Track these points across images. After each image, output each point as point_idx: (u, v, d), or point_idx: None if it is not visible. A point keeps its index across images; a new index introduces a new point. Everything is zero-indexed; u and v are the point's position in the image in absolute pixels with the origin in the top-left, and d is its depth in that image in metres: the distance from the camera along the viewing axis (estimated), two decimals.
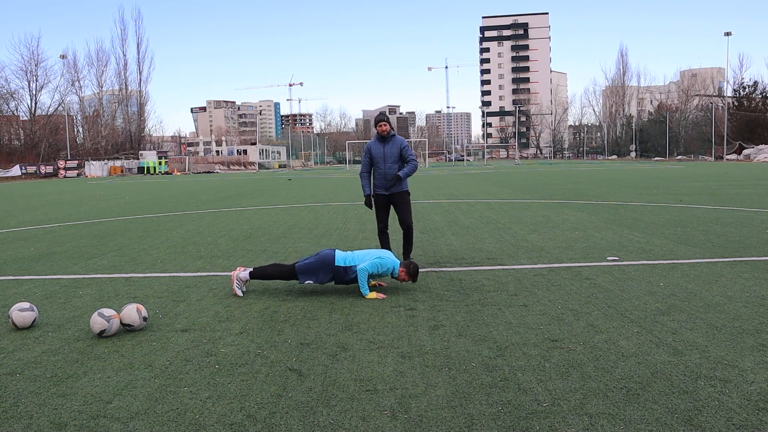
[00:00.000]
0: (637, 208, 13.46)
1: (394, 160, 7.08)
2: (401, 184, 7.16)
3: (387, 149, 7.08)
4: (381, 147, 7.10)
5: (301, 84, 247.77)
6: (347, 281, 5.83)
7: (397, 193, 7.17)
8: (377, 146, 7.12)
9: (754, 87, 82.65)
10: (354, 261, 5.78)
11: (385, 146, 7.09)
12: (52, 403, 3.36)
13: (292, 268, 5.84)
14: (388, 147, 7.08)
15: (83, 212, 16.04)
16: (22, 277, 7.01)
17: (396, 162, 7.09)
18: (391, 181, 7.07)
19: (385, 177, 7.11)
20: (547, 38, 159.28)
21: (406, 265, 5.87)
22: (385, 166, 7.09)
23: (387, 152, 7.08)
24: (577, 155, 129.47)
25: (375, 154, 7.12)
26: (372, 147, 7.16)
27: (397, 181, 7.06)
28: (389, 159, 7.07)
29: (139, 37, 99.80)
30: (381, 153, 7.09)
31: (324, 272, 5.76)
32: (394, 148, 7.07)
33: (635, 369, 3.68)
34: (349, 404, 3.27)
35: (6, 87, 74.73)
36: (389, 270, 5.78)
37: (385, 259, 5.75)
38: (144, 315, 4.73)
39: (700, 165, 53.35)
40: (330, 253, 5.83)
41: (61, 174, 59.82)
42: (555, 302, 5.32)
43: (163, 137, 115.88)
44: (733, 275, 6.27)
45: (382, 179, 7.13)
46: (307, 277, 5.77)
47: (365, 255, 5.82)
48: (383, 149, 7.09)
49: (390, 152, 7.07)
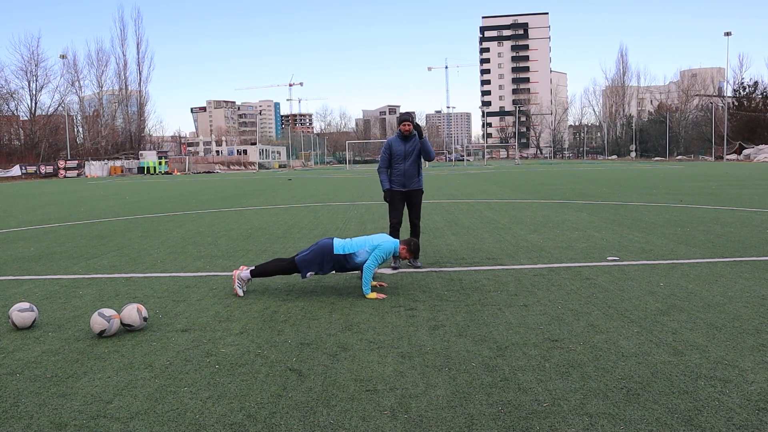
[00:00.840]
0: (637, 208, 13.46)
1: (414, 159, 7.27)
2: (418, 182, 7.37)
3: (408, 148, 7.23)
4: (402, 145, 7.25)
5: (301, 84, 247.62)
6: (349, 269, 5.87)
7: (414, 191, 7.38)
8: (399, 144, 7.26)
9: (754, 87, 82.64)
10: (353, 248, 5.79)
11: (406, 145, 7.24)
12: (52, 403, 3.36)
13: (292, 261, 5.85)
14: (410, 145, 7.24)
15: (83, 212, 16.04)
16: (22, 277, 7.01)
17: (416, 160, 7.29)
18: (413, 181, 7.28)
19: (404, 174, 7.27)
20: (547, 38, 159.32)
21: (406, 242, 5.99)
22: (405, 164, 7.26)
23: (408, 151, 7.23)
24: (577, 155, 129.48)
25: (396, 151, 7.27)
26: (393, 144, 7.30)
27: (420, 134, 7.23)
28: (409, 158, 7.25)
29: (138, 37, 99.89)
30: (402, 151, 7.24)
31: (324, 262, 5.78)
32: (414, 147, 7.24)
33: (635, 369, 3.68)
34: (349, 404, 3.27)
35: (6, 87, 74.85)
36: (391, 253, 5.83)
37: (383, 244, 5.78)
38: (144, 315, 4.73)
39: (700, 165, 53.35)
40: (328, 242, 5.85)
41: (61, 174, 59.82)
42: (555, 302, 5.33)
43: (163, 137, 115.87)
44: (733, 275, 6.28)
45: (402, 176, 7.29)
46: (309, 269, 5.78)
47: (364, 242, 5.84)
48: (404, 147, 7.24)
49: (410, 151, 7.24)
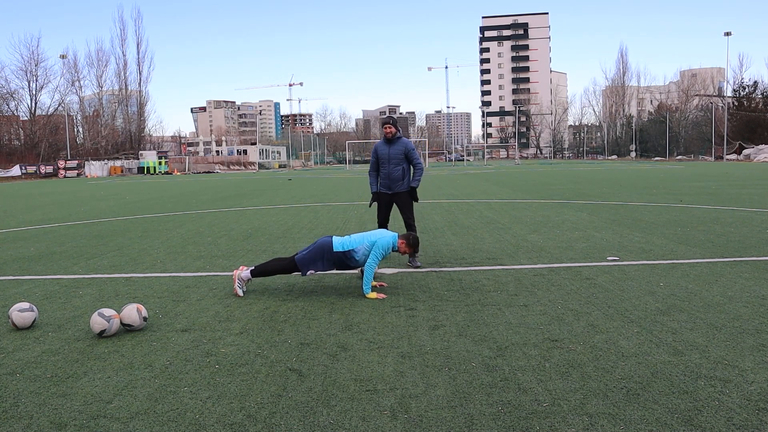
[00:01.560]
0: (637, 208, 13.46)
1: (398, 162, 7.34)
2: (403, 184, 7.42)
3: (392, 151, 7.33)
4: (387, 148, 7.36)
5: (301, 84, 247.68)
6: (351, 266, 5.87)
7: (399, 193, 7.43)
8: (383, 147, 7.40)
9: (754, 87, 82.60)
10: (352, 245, 5.79)
11: (390, 148, 7.34)
12: (52, 403, 3.36)
13: (292, 260, 5.86)
14: (393, 149, 7.33)
15: (83, 212, 16.04)
16: (22, 277, 7.01)
17: (400, 163, 7.36)
18: (398, 184, 7.39)
19: (389, 177, 7.38)
20: (547, 38, 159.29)
21: (405, 237, 5.98)
22: (389, 166, 7.37)
23: (392, 153, 7.33)
24: (577, 155, 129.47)
25: (381, 155, 7.40)
26: (378, 148, 7.47)
27: (413, 191, 7.47)
28: (393, 160, 7.34)
29: (138, 37, 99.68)
30: (386, 154, 7.35)
31: (324, 260, 5.79)
32: (398, 149, 7.32)
33: (635, 369, 3.68)
34: (349, 404, 3.27)
35: (6, 87, 74.84)
36: (390, 248, 5.83)
37: (381, 239, 5.78)
38: (144, 315, 4.73)
39: (700, 165, 53.35)
40: (327, 240, 5.85)
41: (61, 174, 59.82)
42: (555, 302, 5.33)
43: (163, 137, 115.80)
44: (733, 275, 6.27)
45: (386, 179, 7.41)
46: (309, 267, 5.79)
47: (362, 238, 5.84)
48: (388, 150, 7.34)
49: (394, 154, 7.32)
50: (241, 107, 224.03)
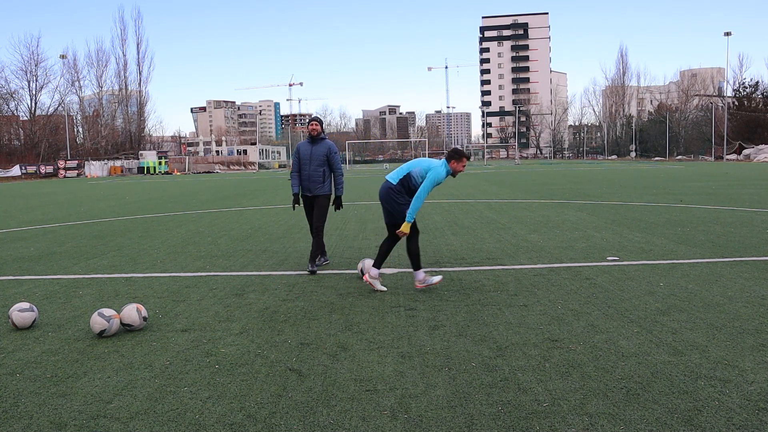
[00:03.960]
0: (637, 208, 13.46)
1: (319, 163, 7.02)
2: (324, 187, 7.07)
3: (314, 151, 7.04)
4: (309, 148, 7.06)
5: (301, 84, 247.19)
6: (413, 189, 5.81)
7: (318, 197, 7.08)
8: (306, 147, 7.09)
9: (754, 87, 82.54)
10: (402, 172, 5.85)
11: (313, 147, 7.05)
12: (52, 403, 3.36)
13: (390, 231, 5.95)
14: (316, 149, 7.04)
15: (83, 212, 16.04)
16: (22, 277, 7.01)
17: (322, 165, 7.03)
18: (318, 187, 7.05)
19: (309, 179, 7.05)
20: (547, 38, 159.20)
21: (450, 155, 5.82)
22: (310, 167, 7.03)
23: (314, 154, 7.03)
24: (577, 155, 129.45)
25: (302, 154, 7.08)
26: (301, 147, 7.14)
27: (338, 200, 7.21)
28: (315, 161, 7.02)
29: (139, 37, 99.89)
30: (308, 154, 7.05)
31: (397, 201, 5.81)
32: (321, 150, 7.03)
33: (635, 369, 3.68)
34: (349, 404, 3.27)
35: (6, 87, 74.89)
36: (444, 178, 5.75)
37: (435, 168, 5.70)
38: (144, 315, 4.73)
39: (700, 165, 53.35)
40: (385, 185, 5.90)
41: (61, 174, 59.81)
42: (555, 302, 5.33)
43: (163, 137, 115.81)
44: (733, 275, 6.28)
45: (307, 181, 7.06)
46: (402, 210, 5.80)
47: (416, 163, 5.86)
48: (311, 150, 7.05)
49: (316, 154, 7.03)
50: (241, 107, 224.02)
